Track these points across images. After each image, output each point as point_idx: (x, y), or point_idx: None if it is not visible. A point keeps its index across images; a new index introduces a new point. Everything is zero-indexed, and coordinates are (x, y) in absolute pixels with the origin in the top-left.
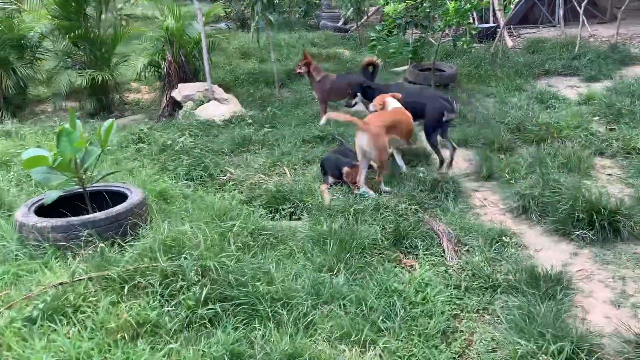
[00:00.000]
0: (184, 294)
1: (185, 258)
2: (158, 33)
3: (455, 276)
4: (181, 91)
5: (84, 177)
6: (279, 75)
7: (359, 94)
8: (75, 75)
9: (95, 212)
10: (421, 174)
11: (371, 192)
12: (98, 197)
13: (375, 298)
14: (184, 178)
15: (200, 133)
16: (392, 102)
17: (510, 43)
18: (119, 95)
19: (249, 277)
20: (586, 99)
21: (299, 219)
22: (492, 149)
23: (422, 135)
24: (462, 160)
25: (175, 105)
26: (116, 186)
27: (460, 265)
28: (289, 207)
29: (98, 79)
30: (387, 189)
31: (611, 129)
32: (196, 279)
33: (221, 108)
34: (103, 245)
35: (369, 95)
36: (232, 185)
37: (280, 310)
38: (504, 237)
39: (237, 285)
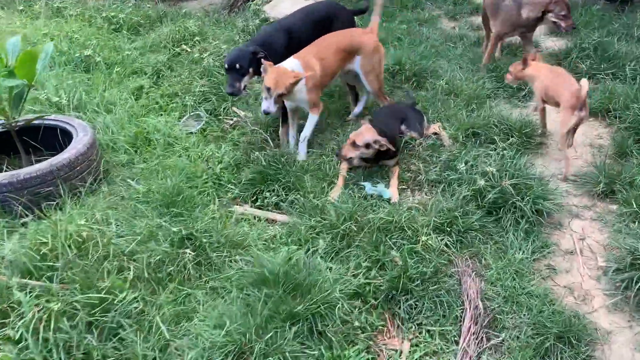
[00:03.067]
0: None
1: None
2: None
3: None
4: None
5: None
6: None
7: None
8: None
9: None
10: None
11: None
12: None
13: None
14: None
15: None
16: None
17: None
18: None
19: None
20: None
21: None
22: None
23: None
24: (578, 154)
25: None
26: (61, 121)
27: None
28: (276, 194)
29: None
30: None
31: None
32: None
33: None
34: None
35: None
36: (237, 133)
37: None
38: (571, 338)
39: None
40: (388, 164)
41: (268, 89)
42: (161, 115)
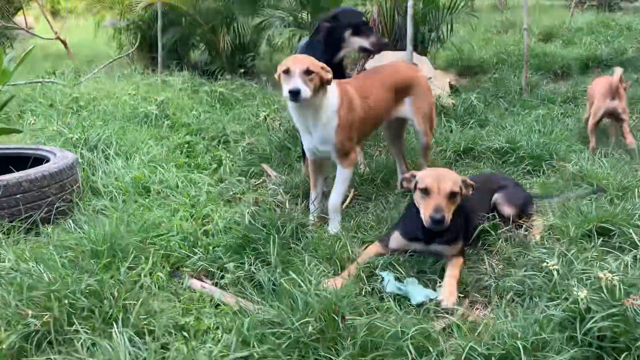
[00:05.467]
0: None
1: None
2: None
3: None
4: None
5: None
6: None
7: None
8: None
9: None
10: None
11: None
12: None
13: None
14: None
15: None
16: None
17: None
18: None
19: None
20: None
21: None
22: None
23: None
24: None
25: None
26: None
27: None
28: (242, 269)
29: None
30: None
31: None
32: None
33: None
34: None
35: None
36: (258, 193)
37: None
38: None
39: None
40: (444, 252)
41: (287, 71)
42: (192, 171)
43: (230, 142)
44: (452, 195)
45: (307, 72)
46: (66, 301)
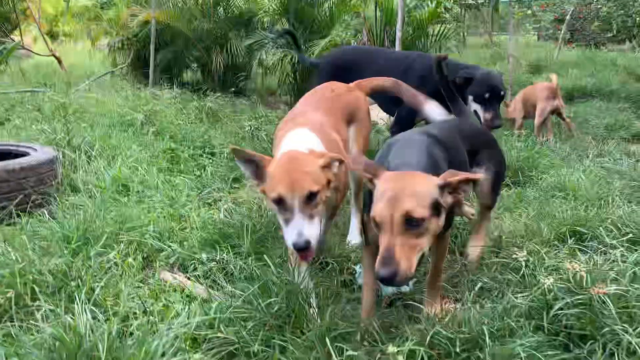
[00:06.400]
0: None
1: None
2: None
3: None
4: None
5: None
6: None
7: None
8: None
9: None
10: None
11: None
12: None
13: None
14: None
15: None
16: None
17: None
18: None
19: None
20: None
21: None
22: None
23: None
24: None
25: None
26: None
27: None
28: (213, 259)
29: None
30: None
31: None
32: None
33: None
34: None
35: None
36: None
37: None
38: None
39: None
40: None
41: (279, 201)
42: (175, 176)
43: (216, 154)
44: (412, 224)
45: (310, 197)
46: (30, 277)
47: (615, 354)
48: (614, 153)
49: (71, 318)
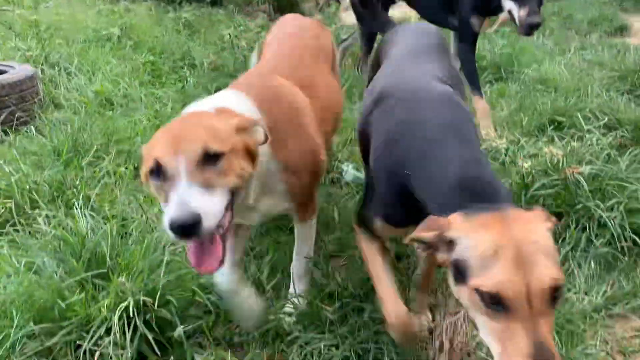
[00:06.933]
0: None
1: None
2: None
3: None
4: None
5: None
6: None
7: None
8: None
9: None
10: None
11: None
12: None
13: None
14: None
15: None
16: None
17: None
18: None
19: None
20: None
21: None
22: None
23: None
24: None
25: None
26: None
27: None
28: None
29: None
30: None
31: None
32: None
33: None
34: None
35: None
36: None
37: None
38: None
39: None
40: None
41: (157, 170)
42: (155, 87)
43: (197, 65)
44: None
45: (207, 158)
46: (27, 187)
47: (587, 227)
48: (595, 45)
49: (71, 222)
